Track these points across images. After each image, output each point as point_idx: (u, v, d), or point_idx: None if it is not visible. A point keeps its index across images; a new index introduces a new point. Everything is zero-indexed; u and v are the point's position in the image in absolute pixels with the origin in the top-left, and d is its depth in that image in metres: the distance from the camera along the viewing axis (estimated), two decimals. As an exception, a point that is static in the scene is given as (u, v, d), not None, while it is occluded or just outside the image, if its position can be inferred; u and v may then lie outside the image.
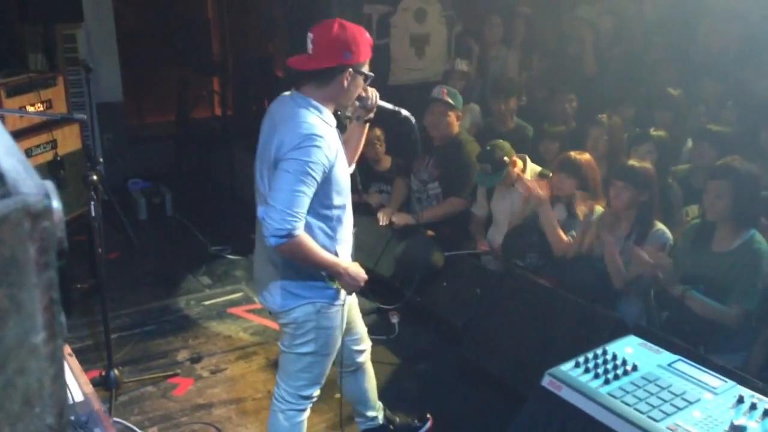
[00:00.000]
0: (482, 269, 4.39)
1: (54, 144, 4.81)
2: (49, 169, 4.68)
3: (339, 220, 2.64)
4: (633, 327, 3.17)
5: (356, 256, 4.79)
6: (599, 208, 3.80)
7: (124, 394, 3.66)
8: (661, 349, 2.64)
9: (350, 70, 2.51)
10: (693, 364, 2.54)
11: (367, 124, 2.83)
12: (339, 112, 2.71)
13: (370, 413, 3.24)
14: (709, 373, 2.47)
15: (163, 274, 5.17)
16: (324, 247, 2.56)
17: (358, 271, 2.66)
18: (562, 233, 3.82)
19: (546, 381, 2.55)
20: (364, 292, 4.83)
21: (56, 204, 0.49)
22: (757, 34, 4.89)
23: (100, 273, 3.53)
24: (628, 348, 2.66)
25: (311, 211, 2.49)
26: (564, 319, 3.52)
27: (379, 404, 3.30)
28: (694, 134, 4.25)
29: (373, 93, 2.70)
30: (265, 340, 4.30)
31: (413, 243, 4.60)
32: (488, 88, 5.70)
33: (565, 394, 2.46)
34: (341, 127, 2.71)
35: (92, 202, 3.39)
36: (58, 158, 4.81)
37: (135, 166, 6.80)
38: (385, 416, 3.32)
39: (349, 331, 2.94)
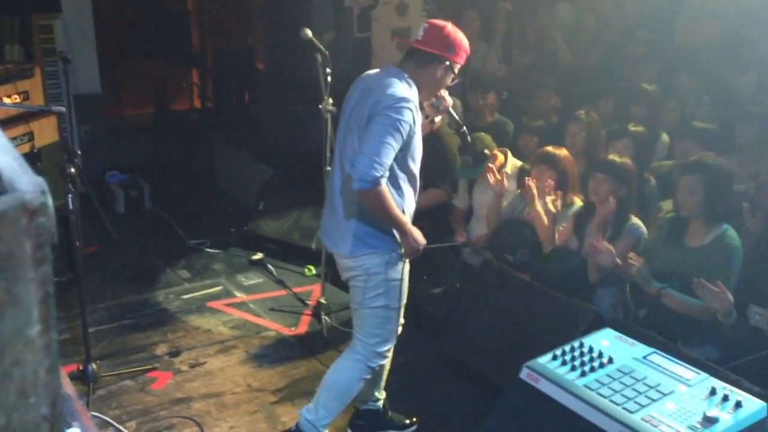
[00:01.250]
0: (462, 262, 4.43)
1: (31, 136, 4.76)
2: (26, 162, 4.63)
3: (408, 183, 2.89)
4: (610, 320, 3.22)
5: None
6: (578, 202, 3.85)
7: (102, 388, 3.65)
8: (636, 342, 2.69)
9: (447, 63, 2.83)
10: (667, 356, 2.59)
11: (432, 124, 3.15)
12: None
13: (378, 394, 3.35)
14: (683, 366, 2.53)
15: (141, 268, 5.15)
16: (395, 201, 2.78)
17: (419, 235, 2.88)
18: (546, 224, 3.84)
19: (524, 373, 2.59)
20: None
21: (50, 200, 0.50)
22: (734, 31, 4.96)
23: (78, 266, 3.51)
24: (604, 341, 2.71)
25: (390, 168, 2.72)
26: (542, 312, 3.57)
27: (384, 392, 3.39)
28: (677, 131, 4.31)
29: (448, 98, 3.05)
30: (244, 334, 4.30)
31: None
32: (467, 81, 5.72)
33: (543, 386, 2.50)
34: None
35: (69, 195, 3.37)
36: (35, 150, 4.76)
37: (113, 159, 6.74)
38: (384, 404, 3.40)
39: None
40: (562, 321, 3.41)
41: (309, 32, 3.97)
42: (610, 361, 2.55)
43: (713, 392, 2.35)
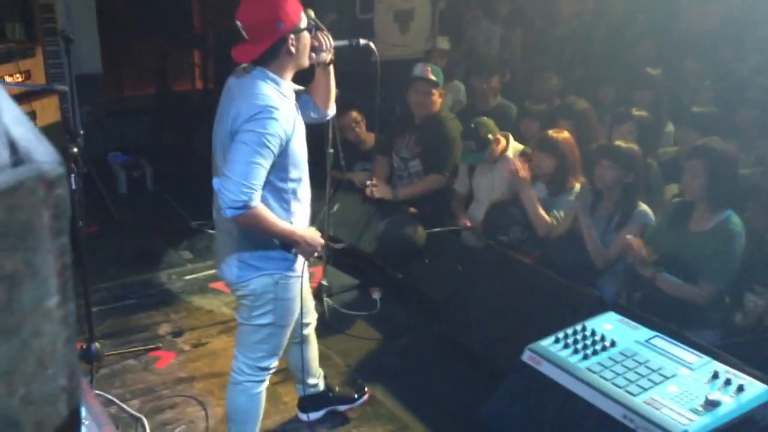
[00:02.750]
0: (463, 246, 4.43)
1: (33, 115, 4.75)
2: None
3: (294, 193, 2.64)
4: (612, 304, 3.23)
5: (338, 233, 4.83)
6: (578, 186, 3.85)
7: (106, 367, 3.66)
8: (639, 326, 2.70)
9: (291, 35, 2.52)
10: (670, 340, 2.60)
11: (331, 65, 2.82)
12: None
13: (311, 380, 3.31)
14: (686, 349, 2.54)
15: (144, 248, 5.15)
16: (281, 215, 2.58)
17: (314, 236, 2.67)
18: (542, 212, 3.86)
19: (526, 356, 2.61)
20: (346, 267, 4.89)
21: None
22: (737, 16, 4.94)
23: (80, 246, 3.51)
24: (607, 324, 2.72)
25: (267, 184, 2.49)
26: (544, 295, 3.57)
27: (320, 372, 3.35)
28: (676, 117, 4.30)
29: (324, 38, 2.70)
30: (247, 314, 4.31)
31: (395, 220, 4.62)
32: (471, 65, 5.70)
33: (545, 368, 2.52)
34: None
35: (72, 175, 3.36)
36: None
37: (115, 139, 6.72)
38: (325, 384, 3.39)
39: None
40: (565, 305, 3.42)
41: (311, 13, 3.94)
42: (613, 344, 2.56)
43: (716, 376, 2.37)
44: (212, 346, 3.95)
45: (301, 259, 2.70)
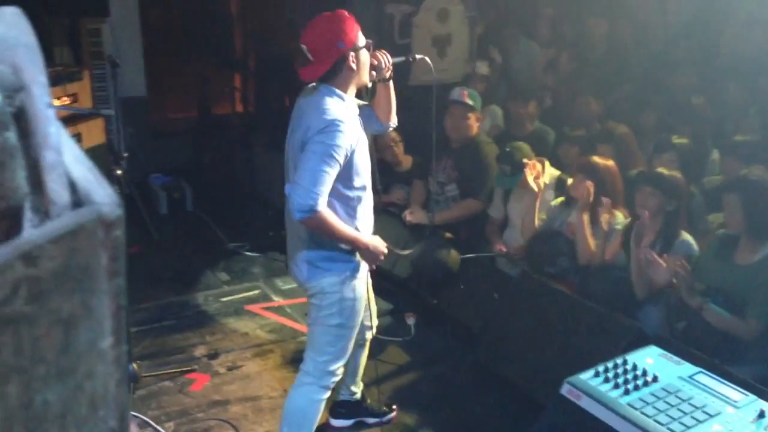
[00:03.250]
0: (498, 272, 4.39)
1: (78, 138, 4.87)
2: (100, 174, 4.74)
3: (359, 200, 2.83)
4: (653, 337, 3.16)
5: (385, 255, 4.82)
6: (620, 216, 3.78)
7: (142, 388, 3.69)
8: (682, 361, 2.63)
9: (351, 53, 2.73)
10: (714, 376, 2.52)
11: (390, 81, 3.02)
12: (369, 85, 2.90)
13: (354, 387, 3.44)
14: (731, 386, 2.46)
15: (182, 269, 5.22)
16: (346, 222, 2.77)
17: (377, 244, 2.87)
18: (590, 238, 3.79)
19: (565, 389, 2.55)
20: (380, 292, 4.87)
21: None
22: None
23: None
24: (649, 358, 2.65)
25: (334, 192, 2.68)
26: (582, 326, 3.51)
27: (361, 384, 3.48)
28: (721, 146, 4.23)
29: (382, 56, 2.90)
30: (281, 338, 4.32)
31: (429, 245, 4.60)
32: (509, 89, 5.69)
33: (585, 403, 2.46)
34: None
35: (116, 197, 3.42)
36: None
37: (156, 161, 6.85)
38: (362, 394, 3.48)
39: (366, 306, 3.10)
40: (604, 336, 3.35)
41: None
42: (655, 379, 2.50)
43: (762, 415, 2.29)
44: (247, 369, 3.96)
45: (364, 263, 2.88)
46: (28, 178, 0.49)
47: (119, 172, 3.44)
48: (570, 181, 4.12)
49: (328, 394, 2.99)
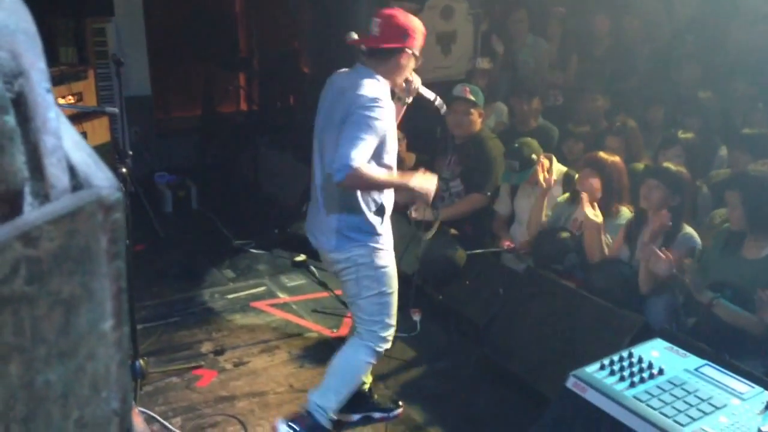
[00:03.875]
0: (504, 268, 4.39)
1: (84, 136, 4.87)
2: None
3: None
4: (659, 330, 3.15)
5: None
6: (626, 212, 3.77)
7: (149, 384, 3.70)
8: (687, 353, 2.63)
9: (408, 51, 2.92)
10: (720, 369, 2.52)
11: (405, 106, 3.22)
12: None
13: (363, 378, 3.42)
14: (737, 379, 2.46)
15: (187, 267, 5.23)
16: (372, 198, 2.92)
17: (423, 177, 2.97)
18: (606, 240, 3.77)
19: (570, 382, 2.55)
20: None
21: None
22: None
23: (127, 264, 3.57)
24: (654, 351, 2.65)
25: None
26: (587, 320, 3.51)
27: (370, 377, 3.50)
28: (729, 140, 4.21)
29: (416, 78, 3.11)
30: (287, 334, 4.33)
31: (435, 241, 4.60)
32: (514, 85, 5.68)
33: (590, 396, 2.46)
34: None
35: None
36: (88, 150, 4.88)
37: (161, 160, 6.86)
38: (370, 388, 3.51)
39: None
40: (609, 330, 3.35)
41: (355, 35, 3.98)
42: (661, 372, 2.49)
43: (768, 407, 2.28)
44: (253, 365, 3.97)
45: (388, 234, 3.01)
46: (28, 163, 0.49)
47: (124, 170, 3.45)
48: (577, 177, 4.12)
49: (377, 358, 3.14)
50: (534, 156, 4.21)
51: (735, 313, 3.15)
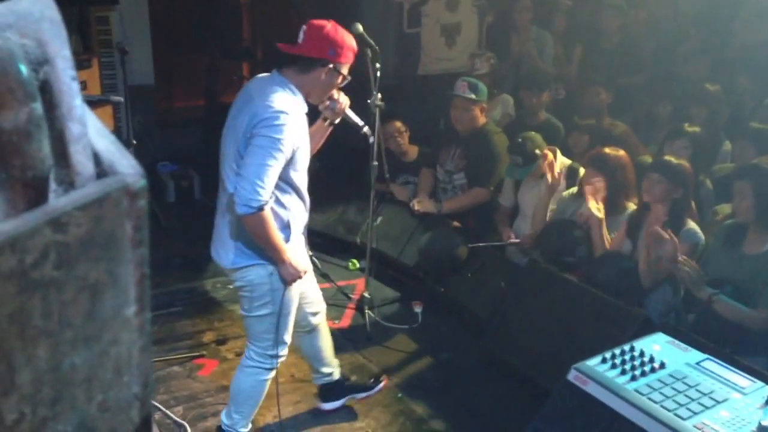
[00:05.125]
0: (507, 261, 4.40)
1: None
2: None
3: (296, 195, 2.84)
4: (660, 324, 3.16)
5: (381, 245, 4.84)
6: (632, 206, 3.78)
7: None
8: (689, 348, 2.63)
9: (330, 65, 2.75)
10: (721, 363, 2.53)
11: (331, 128, 3.05)
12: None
13: (325, 369, 3.42)
14: (738, 373, 2.46)
15: (190, 257, 5.23)
16: (278, 215, 2.75)
17: (299, 264, 2.83)
18: (607, 234, 3.79)
19: (572, 375, 2.56)
20: (388, 281, 4.89)
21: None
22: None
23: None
24: (656, 345, 2.65)
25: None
26: (589, 314, 3.52)
27: (336, 362, 3.46)
28: (735, 132, 4.21)
29: (344, 99, 2.96)
30: (289, 324, 4.34)
31: (438, 234, 4.61)
32: (522, 77, 5.66)
33: (591, 389, 2.46)
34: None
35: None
36: (91, 139, 4.88)
37: (164, 149, 6.86)
38: (341, 373, 3.49)
39: (303, 295, 3.08)
40: (611, 324, 3.36)
41: (360, 27, 3.97)
42: (662, 366, 2.50)
43: (769, 402, 2.29)
44: (255, 355, 3.98)
45: (293, 253, 2.82)
46: (53, 150, 0.50)
47: (128, 158, 3.45)
48: (582, 171, 4.12)
49: (272, 373, 3.05)
50: (537, 151, 4.21)
51: (735, 310, 3.15)
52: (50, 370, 0.45)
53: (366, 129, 3.25)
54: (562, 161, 4.38)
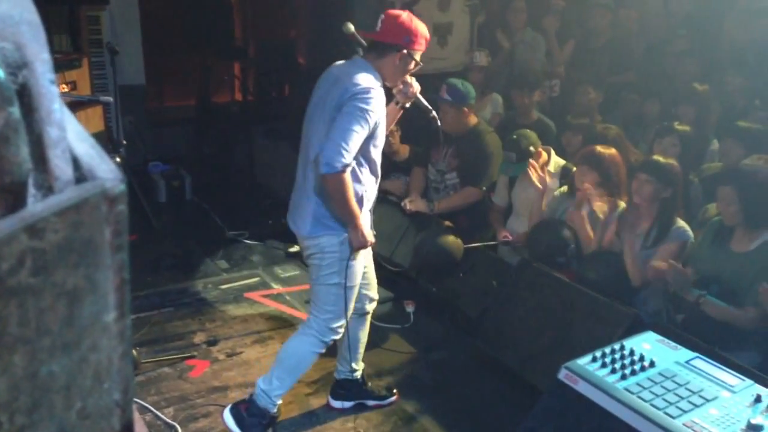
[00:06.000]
0: (499, 260, 4.40)
1: (78, 126, 4.86)
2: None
3: (370, 170, 3.04)
4: (650, 323, 3.17)
5: (372, 245, 4.83)
6: (623, 205, 3.79)
7: (142, 374, 3.71)
8: (679, 346, 2.64)
9: (405, 51, 2.96)
10: (711, 361, 2.54)
11: (401, 111, 3.28)
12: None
13: (355, 365, 3.48)
14: (727, 371, 2.47)
15: (181, 257, 5.22)
16: (353, 188, 2.91)
17: (369, 233, 3.03)
18: (590, 231, 3.80)
19: (562, 374, 2.56)
20: (380, 280, 4.87)
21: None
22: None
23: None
24: (646, 344, 2.66)
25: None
26: (580, 313, 3.53)
27: (362, 364, 3.53)
28: (721, 131, 4.22)
29: (415, 84, 3.15)
30: (280, 325, 4.33)
31: (432, 234, 4.61)
32: (514, 77, 5.67)
33: (582, 388, 2.47)
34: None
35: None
36: (81, 139, 4.86)
37: (155, 149, 6.85)
38: (362, 375, 3.53)
39: (366, 277, 3.28)
40: (602, 323, 3.36)
41: (351, 26, 3.96)
42: (652, 364, 2.51)
43: (758, 399, 2.30)
44: (246, 355, 3.98)
45: (366, 227, 3.02)
46: (32, 154, 0.50)
47: (118, 159, 3.46)
48: (574, 171, 4.13)
49: (324, 348, 3.16)
50: (531, 148, 4.21)
51: (723, 310, 3.17)
52: (27, 377, 0.44)
53: (434, 113, 3.39)
54: (556, 161, 4.39)
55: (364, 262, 3.15)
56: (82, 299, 0.47)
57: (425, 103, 3.30)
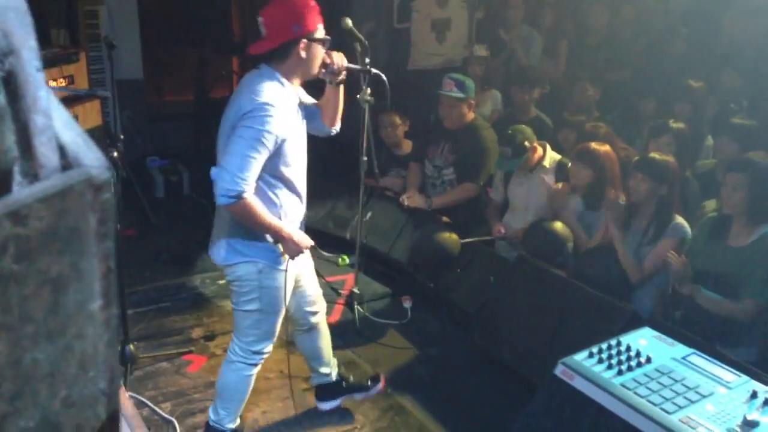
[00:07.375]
0: (496, 256, 4.40)
1: (75, 119, 4.85)
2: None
3: (287, 189, 2.79)
4: (647, 319, 3.17)
5: (371, 240, 4.84)
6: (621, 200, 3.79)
7: (139, 369, 3.71)
8: (675, 342, 2.65)
9: (303, 40, 2.66)
10: (707, 357, 2.54)
11: (341, 86, 2.94)
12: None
13: (323, 369, 3.41)
14: (723, 367, 2.48)
15: (178, 252, 5.22)
16: (269, 206, 2.70)
17: (301, 236, 2.81)
18: (578, 229, 3.82)
19: (559, 370, 2.56)
20: (377, 276, 4.89)
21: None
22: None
23: (117, 249, 3.55)
24: (643, 340, 2.66)
25: (261, 178, 2.64)
26: (577, 309, 3.53)
27: (334, 361, 3.45)
28: (716, 128, 4.23)
29: (338, 57, 2.82)
30: (278, 320, 4.33)
31: (429, 230, 4.61)
32: (511, 74, 5.67)
33: (578, 383, 2.47)
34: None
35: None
36: (79, 134, 4.85)
37: (153, 144, 6.84)
38: (338, 373, 3.47)
39: (301, 293, 3.09)
40: (599, 319, 3.37)
41: (349, 22, 3.95)
42: (648, 360, 2.51)
43: (754, 395, 2.30)
44: (244, 350, 3.97)
45: (296, 233, 2.80)
46: (18, 142, 0.49)
47: (116, 154, 3.43)
48: (569, 167, 4.13)
49: (257, 369, 3.03)
50: (527, 143, 4.22)
51: (716, 302, 3.18)
52: (10, 365, 0.44)
53: (374, 70, 3.22)
54: (551, 156, 4.39)
55: (283, 288, 2.86)
56: (67, 287, 0.47)
57: (358, 66, 3.11)
